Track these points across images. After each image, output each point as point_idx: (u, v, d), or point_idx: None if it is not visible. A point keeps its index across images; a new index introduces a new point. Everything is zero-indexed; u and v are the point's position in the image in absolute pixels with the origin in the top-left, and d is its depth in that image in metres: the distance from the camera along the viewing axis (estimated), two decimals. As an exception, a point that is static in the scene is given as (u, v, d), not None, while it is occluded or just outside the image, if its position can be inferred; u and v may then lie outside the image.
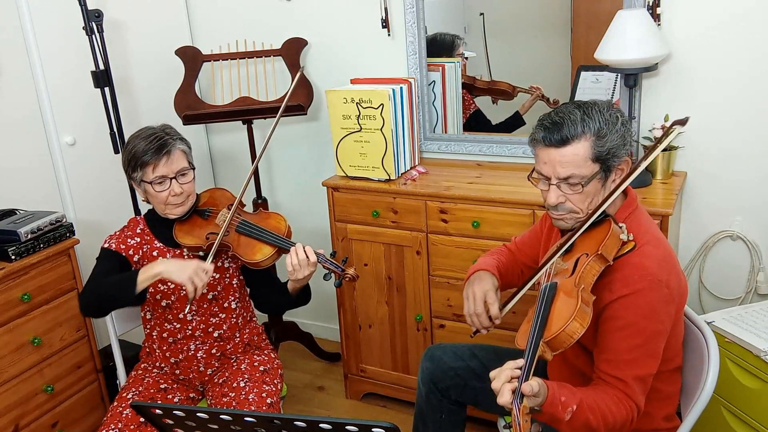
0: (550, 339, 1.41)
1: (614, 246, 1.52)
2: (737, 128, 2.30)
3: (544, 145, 1.57)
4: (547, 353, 1.42)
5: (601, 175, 1.56)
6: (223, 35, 3.04)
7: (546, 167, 1.58)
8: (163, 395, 2.08)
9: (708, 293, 2.50)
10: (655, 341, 1.53)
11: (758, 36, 2.20)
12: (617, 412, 1.47)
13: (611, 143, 1.53)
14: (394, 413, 2.82)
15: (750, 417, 1.99)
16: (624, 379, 1.51)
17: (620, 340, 1.52)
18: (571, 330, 1.40)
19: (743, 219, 2.37)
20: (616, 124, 1.54)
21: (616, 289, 1.52)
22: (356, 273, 1.99)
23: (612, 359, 1.53)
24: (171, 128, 2.04)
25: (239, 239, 2.02)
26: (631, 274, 1.52)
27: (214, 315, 2.09)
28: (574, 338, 1.40)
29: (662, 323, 1.53)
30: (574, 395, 1.43)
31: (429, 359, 2.00)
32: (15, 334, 2.24)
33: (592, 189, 1.56)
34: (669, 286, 1.53)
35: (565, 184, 1.56)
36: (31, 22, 2.50)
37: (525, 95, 2.65)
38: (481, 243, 2.38)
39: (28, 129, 2.56)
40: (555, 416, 1.40)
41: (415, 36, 2.68)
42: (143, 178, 1.97)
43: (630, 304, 1.51)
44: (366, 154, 2.56)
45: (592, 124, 1.53)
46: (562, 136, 1.53)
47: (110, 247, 2.04)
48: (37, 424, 2.34)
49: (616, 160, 1.56)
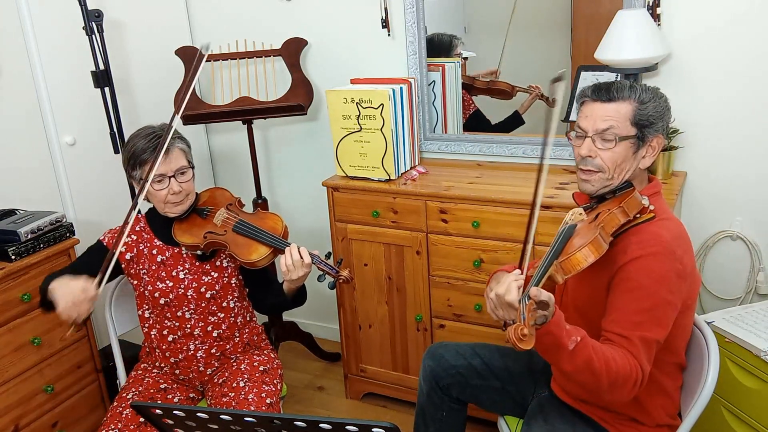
0: (564, 260, 1.48)
1: (635, 206, 1.59)
2: (737, 128, 2.30)
3: (592, 99, 1.66)
4: (558, 274, 1.48)
5: (634, 141, 1.62)
6: (223, 35, 3.04)
7: (587, 120, 1.65)
8: (163, 395, 2.08)
9: (708, 293, 2.50)
10: (663, 309, 1.55)
11: (758, 36, 2.20)
12: (621, 363, 1.48)
13: (652, 111, 1.62)
14: (394, 413, 2.82)
15: (750, 417, 1.99)
16: (629, 337, 1.52)
17: (629, 302, 1.55)
18: (584, 254, 1.47)
19: (743, 219, 2.37)
20: (660, 99, 1.65)
21: (631, 251, 1.57)
22: (350, 275, 1.99)
23: (618, 319, 1.55)
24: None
25: (236, 239, 2.03)
26: (647, 239, 1.57)
27: (213, 314, 2.09)
28: (587, 262, 1.47)
29: (672, 294, 1.55)
30: (579, 331, 1.47)
31: (431, 357, 2.00)
32: (15, 334, 2.24)
33: (623, 151, 1.62)
34: (683, 262, 1.57)
35: (600, 139, 1.63)
36: (31, 22, 2.50)
37: (524, 95, 2.65)
38: (481, 243, 2.39)
39: (28, 129, 2.56)
40: (559, 340, 1.42)
41: (415, 36, 2.68)
42: (142, 177, 1.97)
43: (643, 266, 1.55)
44: (366, 154, 2.56)
45: (639, 90, 1.63)
46: (610, 94, 1.63)
47: (104, 241, 2.07)
48: (37, 424, 2.34)
49: (652, 131, 1.63)
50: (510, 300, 1.41)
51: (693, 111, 2.34)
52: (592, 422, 1.73)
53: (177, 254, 2.07)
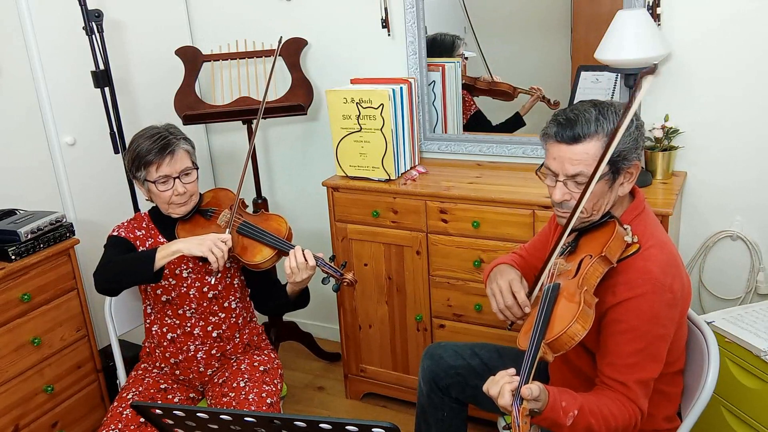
0: (551, 341, 1.41)
1: (618, 248, 1.52)
2: (737, 128, 2.30)
3: (556, 140, 1.54)
4: (548, 355, 1.42)
5: (609, 177, 1.53)
6: (223, 35, 3.04)
7: (555, 163, 1.56)
8: (163, 395, 2.08)
9: (708, 293, 2.50)
10: (657, 345, 1.52)
11: (758, 36, 2.20)
12: (620, 416, 1.47)
13: (623, 146, 1.51)
14: (394, 413, 2.82)
15: (750, 417, 1.99)
16: (626, 383, 1.50)
17: (623, 344, 1.51)
18: (572, 332, 1.40)
19: (743, 219, 2.37)
20: (630, 127, 1.50)
21: (620, 292, 1.52)
22: (355, 278, 1.98)
23: (614, 363, 1.52)
24: (175, 128, 2.04)
25: (240, 240, 2.02)
26: (634, 278, 1.51)
27: (214, 314, 2.09)
28: (575, 340, 1.40)
29: (665, 327, 1.53)
30: (576, 400, 1.43)
31: (429, 358, 2.00)
32: (15, 334, 2.24)
33: (598, 190, 1.53)
34: (672, 290, 1.52)
35: (572, 182, 1.54)
36: (31, 22, 2.50)
37: (525, 96, 2.65)
38: (481, 243, 2.39)
39: (28, 129, 2.56)
40: (556, 421, 1.40)
41: (415, 36, 2.68)
42: (147, 178, 1.97)
43: (633, 307, 1.50)
44: (366, 154, 2.56)
45: (606, 124, 1.50)
46: (575, 134, 1.51)
47: (119, 234, 2.05)
48: (37, 424, 2.34)
49: (626, 163, 1.54)
50: (502, 405, 1.34)
51: (693, 111, 2.34)
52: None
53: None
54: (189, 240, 1.89)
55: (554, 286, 1.48)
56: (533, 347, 1.40)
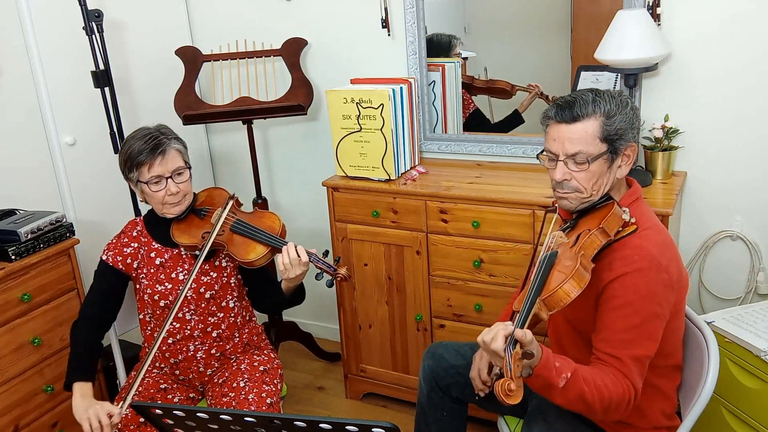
0: (546, 297, 1.45)
1: (616, 223, 1.57)
2: (737, 128, 2.30)
3: (556, 121, 1.62)
4: (542, 311, 1.45)
5: (607, 156, 1.60)
6: (223, 35, 3.04)
7: (555, 144, 1.62)
8: (163, 395, 2.08)
9: (708, 293, 2.50)
10: (652, 323, 1.54)
11: (758, 36, 2.20)
12: (613, 389, 1.48)
13: (620, 124, 1.59)
14: (394, 413, 2.82)
15: (750, 417, 1.99)
16: (621, 357, 1.52)
17: (617, 319, 1.54)
18: (567, 288, 1.44)
19: (743, 219, 2.37)
20: (626, 108, 1.61)
21: (616, 268, 1.55)
22: (348, 273, 1.99)
23: (609, 338, 1.54)
24: (166, 128, 2.04)
25: (233, 238, 2.03)
26: (631, 254, 1.55)
27: (212, 314, 2.09)
28: (570, 297, 1.44)
29: (660, 306, 1.55)
30: (570, 364, 1.45)
31: (430, 357, 2.00)
32: (15, 334, 2.24)
33: (597, 169, 1.60)
34: (669, 271, 1.55)
35: (572, 162, 1.60)
36: (31, 22, 2.50)
37: (524, 93, 2.65)
38: (481, 243, 2.39)
39: (28, 129, 2.56)
40: (549, 381, 1.41)
41: (415, 36, 2.68)
42: (139, 179, 1.97)
43: (629, 283, 1.53)
44: (366, 154, 2.56)
45: (603, 104, 1.59)
46: (573, 114, 1.59)
47: (107, 261, 2.06)
48: (37, 424, 2.34)
49: (623, 142, 1.61)
50: (495, 348, 1.36)
51: (693, 110, 2.34)
52: (592, 423, 1.73)
53: (176, 255, 2.07)
54: (82, 403, 1.83)
55: (552, 253, 1.54)
56: (529, 300, 1.44)
